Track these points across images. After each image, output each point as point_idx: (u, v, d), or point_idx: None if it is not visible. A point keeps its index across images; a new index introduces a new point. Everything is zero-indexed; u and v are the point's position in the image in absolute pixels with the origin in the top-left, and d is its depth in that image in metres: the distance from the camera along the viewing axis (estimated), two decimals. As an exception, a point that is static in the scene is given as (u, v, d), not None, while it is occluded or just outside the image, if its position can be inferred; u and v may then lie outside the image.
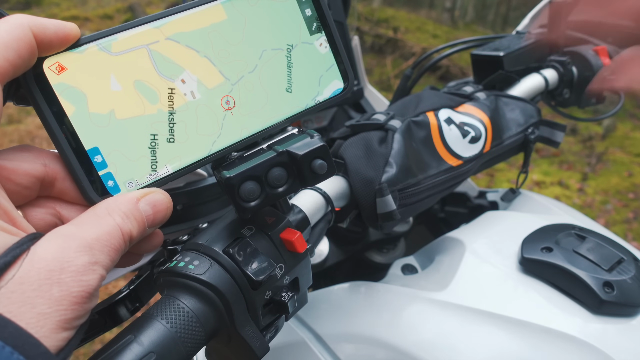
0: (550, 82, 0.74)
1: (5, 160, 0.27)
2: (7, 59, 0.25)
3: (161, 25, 0.31)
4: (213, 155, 0.33)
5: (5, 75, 0.25)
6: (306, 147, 0.31)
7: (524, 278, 0.52)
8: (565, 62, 0.76)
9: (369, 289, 0.57)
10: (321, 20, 0.36)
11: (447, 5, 5.92)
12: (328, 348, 0.53)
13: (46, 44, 0.27)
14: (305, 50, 0.36)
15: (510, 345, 0.46)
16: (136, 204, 0.29)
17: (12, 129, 3.14)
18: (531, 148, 0.66)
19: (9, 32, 0.25)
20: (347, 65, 0.38)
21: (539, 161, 3.23)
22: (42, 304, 0.22)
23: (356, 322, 0.53)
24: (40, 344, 0.22)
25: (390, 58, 4.49)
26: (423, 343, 0.48)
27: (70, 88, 0.29)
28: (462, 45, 0.84)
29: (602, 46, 0.77)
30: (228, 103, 0.33)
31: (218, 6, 0.33)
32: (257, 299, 0.33)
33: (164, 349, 0.27)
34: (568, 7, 0.77)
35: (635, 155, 3.35)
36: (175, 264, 0.32)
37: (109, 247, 0.26)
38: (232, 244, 0.33)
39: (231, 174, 0.31)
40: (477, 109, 0.62)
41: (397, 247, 0.77)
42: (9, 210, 0.25)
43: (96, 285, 0.25)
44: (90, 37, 0.29)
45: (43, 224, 0.29)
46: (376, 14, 5.23)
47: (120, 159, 0.30)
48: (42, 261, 0.23)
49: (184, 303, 0.30)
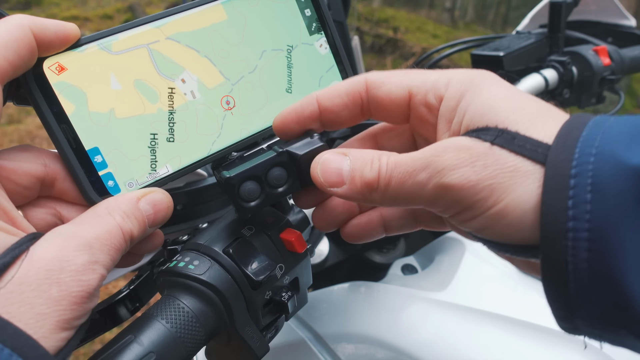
0: (550, 82, 0.74)
1: (6, 160, 0.27)
2: (7, 59, 0.25)
3: (162, 25, 0.31)
4: (213, 155, 0.33)
5: (5, 76, 0.25)
6: (306, 147, 0.31)
7: (523, 278, 0.52)
8: (565, 62, 0.76)
9: (369, 289, 0.57)
10: (321, 20, 0.37)
11: (447, 5, 5.92)
12: (328, 348, 0.53)
13: (46, 44, 0.27)
14: (305, 51, 0.36)
15: (510, 345, 0.46)
16: (136, 204, 0.29)
17: (12, 129, 3.14)
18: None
19: (9, 32, 0.25)
20: (347, 66, 0.38)
21: (539, 161, 3.23)
22: (41, 304, 0.22)
23: (356, 322, 0.53)
24: (39, 346, 0.21)
25: (390, 58, 4.49)
26: (423, 343, 0.48)
27: (70, 87, 0.29)
28: (462, 45, 0.84)
29: (602, 46, 0.77)
30: (228, 103, 0.33)
31: (218, 6, 0.33)
32: (257, 299, 0.33)
33: (164, 349, 0.27)
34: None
35: (635, 155, 3.35)
36: (175, 264, 0.32)
37: (109, 247, 0.26)
38: (232, 244, 0.33)
39: (231, 174, 0.31)
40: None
41: (397, 247, 0.77)
42: (9, 210, 0.25)
43: (96, 285, 0.25)
44: (91, 37, 0.29)
45: (43, 224, 0.29)
46: (376, 14, 5.23)
47: (120, 158, 0.30)
48: (41, 261, 0.23)
49: (184, 303, 0.30)
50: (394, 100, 0.30)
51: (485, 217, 0.24)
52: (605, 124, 0.23)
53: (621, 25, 0.88)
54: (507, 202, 0.24)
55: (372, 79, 0.31)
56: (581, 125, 0.24)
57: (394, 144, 0.35)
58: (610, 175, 0.21)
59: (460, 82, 0.28)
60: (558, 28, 0.77)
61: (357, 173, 0.28)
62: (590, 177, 0.22)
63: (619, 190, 0.21)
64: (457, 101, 0.28)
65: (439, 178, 0.25)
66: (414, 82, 0.30)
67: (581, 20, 0.90)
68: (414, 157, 0.26)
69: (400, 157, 0.27)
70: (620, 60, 0.79)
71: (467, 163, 0.24)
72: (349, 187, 0.28)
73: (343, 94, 0.31)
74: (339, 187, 0.28)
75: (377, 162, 0.27)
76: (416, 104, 0.30)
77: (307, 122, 0.32)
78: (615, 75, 0.77)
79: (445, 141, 0.26)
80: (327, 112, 0.31)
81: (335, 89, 0.31)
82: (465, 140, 0.25)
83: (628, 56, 0.80)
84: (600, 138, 0.22)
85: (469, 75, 0.28)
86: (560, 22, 0.77)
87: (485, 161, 0.24)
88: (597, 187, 0.21)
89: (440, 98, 0.29)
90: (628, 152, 0.22)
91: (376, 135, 0.35)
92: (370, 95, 0.31)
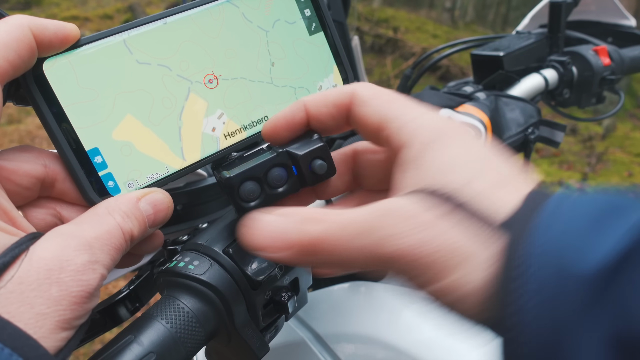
0: (550, 82, 0.74)
1: (6, 160, 0.27)
2: (7, 59, 0.25)
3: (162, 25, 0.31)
4: (213, 156, 0.33)
5: (5, 76, 0.25)
6: (306, 147, 0.31)
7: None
8: (565, 62, 0.76)
9: (369, 289, 0.57)
10: (320, 20, 0.36)
11: (447, 5, 5.92)
12: (328, 348, 0.53)
13: (46, 44, 0.27)
14: (305, 51, 0.36)
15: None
16: (136, 204, 0.29)
17: (12, 129, 3.14)
18: (531, 148, 0.67)
19: (9, 32, 0.25)
20: (347, 66, 0.38)
21: (539, 161, 3.23)
22: (40, 304, 0.22)
23: (356, 322, 0.53)
24: (39, 346, 0.21)
25: (390, 58, 4.49)
26: (423, 343, 0.48)
27: (71, 87, 0.29)
28: (462, 45, 0.84)
29: (602, 46, 0.77)
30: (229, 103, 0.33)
31: (218, 7, 0.33)
32: (257, 299, 0.33)
33: (163, 349, 0.27)
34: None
35: (635, 155, 3.35)
36: (175, 264, 0.32)
37: (110, 246, 0.26)
38: (232, 244, 0.33)
39: (231, 174, 0.31)
40: (477, 109, 0.62)
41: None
42: (9, 210, 0.25)
43: (96, 284, 0.25)
44: (91, 37, 0.29)
45: (44, 224, 0.29)
46: (376, 14, 5.23)
47: (121, 159, 0.30)
48: (41, 260, 0.23)
49: (183, 303, 0.30)
50: (369, 124, 0.29)
51: (428, 291, 0.22)
52: (556, 215, 0.21)
53: (621, 25, 0.88)
54: (449, 283, 0.21)
55: (359, 94, 0.29)
56: (532, 212, 0.21)
57: (371, 165, 0.33)
58: (556, 282, 0.19)
59: (429, 131, 0.26)
60: (558, 28, 0.77)
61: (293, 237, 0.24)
62: (534, 282, 0.19)
63: (565, 298, 0.19)
64: (418, 151, 0.26)
65: (375, 249, 0.22)
66: (390, 114, 0.28)
67: (581, 20, 0.90)
68: (352, 220, 0.23)
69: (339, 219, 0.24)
70: (620, 60, 0.79)
71: (407, 234, 0.22)
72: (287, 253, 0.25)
73: (330, 103, 0.30)
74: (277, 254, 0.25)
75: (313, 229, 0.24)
76: (384, 137, 0.28)
77: (297, 128, 0.31)
78: (615, 75, 0.77)
79: (388, 204, 0.23)
80: (314, 119, 0.31)
81: (323, 96, 0.30)
82: (411, 206, 0.23)
83: (628, 56, 0.80)
84: (550, 234, 0.20)
85: (440, 126, 0.26)
86: (560, 22, 0.77)
87: (428, 233, 0.22)
88: (542, 294, 0.19)
89: (404, 142, 0.26)
90: (576, 253, 0.19)
91: (358, 152, 0.34)
92: (352, 110, 0.30)
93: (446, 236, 0.22)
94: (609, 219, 0.20)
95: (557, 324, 0.19)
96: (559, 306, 0.19)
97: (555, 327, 0.19)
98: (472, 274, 0.21)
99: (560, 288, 0.19)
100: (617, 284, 0.18)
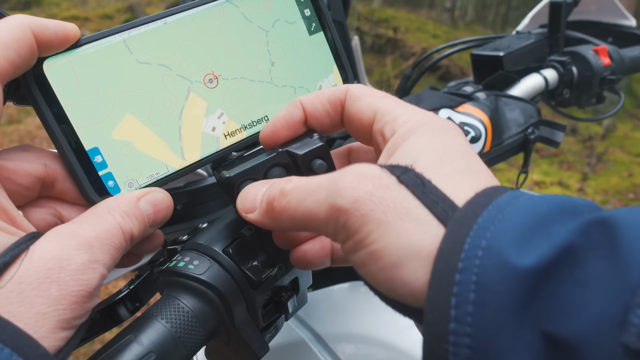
0: (550, 82, 0.74)
1: (6, 160, 0.27)
2: (7, 59, 0.25)
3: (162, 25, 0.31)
4: (213, 155, 0.33)
5: (6, 76, 0.25)
6: (306, 147, 0.31)
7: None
8: (565, 62, 0.76)
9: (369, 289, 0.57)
10: (320, 20, 0.37)
11: (447, 5, 5.92)
12: (328, 348, 0.53)
13: (46, 44, 0.27)
14: (305, 52, 0.36)
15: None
16: (136, 203, 0.29)
17: (12, 129, 3.14)
18: (531, 148, 0.67)
19: (9, 32, 0.25)
20: (346, 66, 0.38)
21: (539, 161, 3.24)
22: (40, 303, 0.22)
23: (356, 322, 0.53)
24: (39, 345, 0.21)
25: (390, 58, 4.49)
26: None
27: (71, 87, 0.29)
28: (462, 45, 0.84)
29: (602, 46, 0.77)
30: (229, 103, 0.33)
31: (218, 7, 0.33)
32: (256, 298, 0.33)
33: (163, 348, 0.27)
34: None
35: (635, 155, 3.36)
36: (175, 264, 0.32)
37: (110, 246, 0.26)
38: (232, 243, 0.33)
39: (231, 174, 0.31)
40: (477, 109, 0.62)
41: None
42: (9, 209, 0.25)
43: (96, 284, 0.25)
44: (91, 37, 0.29)
45: (44, 224, 0.29)
46: (376, 14, 5.23)
47: (121, 158, 0.30)
48: (41, 260, 0.23)
49: (183, 303, 0.30)
50: (360, 119, 0.30)
51: (364, 253, 0.23)
52: (506, 209, 0.21)
53: (621, 25, 0.88)
54: (386, 245, 0.22)
55: (352, 91, 0.30)
56: (482, 206, 0.21)
57: (363, 162, 0.34)
58: (493, 276, 0.19)
59: (416, 124, 0.27)
60: (558, 28, 0.77)
61: (264, 196, 0.27)
62: (475, 274, 0.19)
63: (501, 294, 0.19)
64: (394, 142, 0.27)
65: (333, 198, 0.23)
66: (383, 108, 0.29)
67: (581, 20, 0.90)
68: (320, 178, 0.25)
69: (308, 178, 0.26)
70: (620, 60, 0.79)
71: (365, 190, 0.23)
72: (258, 211, 0.28)
73: (325, 101, 0.31)
74: (252, 213, 0.28)
75: (284, 184, 0.26)
76: (375, 131, 0.29)
77: (296, 127, 0.32)
78: (615, 75, 0.77)
79: (354, 166, 0.24)
80: (310, 117, 0.31)
81: (319, 95, 0.31)
82: (374, 170, 0.24)
83: (628, 56, 0.80)
84: (494, 228, 0.20)
85: (427, 121, 0.27)
86: (560, 22, 0.77)
87: (383, 194, 0.23)
88: (481, 288, 0.19)
89: (393, 133, 0.28)
90: (516, 250, 0.19)
91: (351, 151, 0.35)
92: (345, 106, 0.30)
93: (400, 199, 0.22)
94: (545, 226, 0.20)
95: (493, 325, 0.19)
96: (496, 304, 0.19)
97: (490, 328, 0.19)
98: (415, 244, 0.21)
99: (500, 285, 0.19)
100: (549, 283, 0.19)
